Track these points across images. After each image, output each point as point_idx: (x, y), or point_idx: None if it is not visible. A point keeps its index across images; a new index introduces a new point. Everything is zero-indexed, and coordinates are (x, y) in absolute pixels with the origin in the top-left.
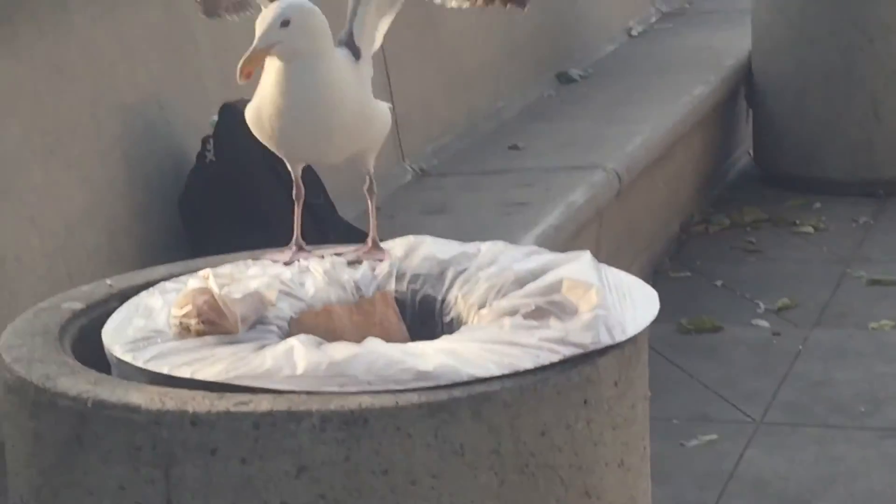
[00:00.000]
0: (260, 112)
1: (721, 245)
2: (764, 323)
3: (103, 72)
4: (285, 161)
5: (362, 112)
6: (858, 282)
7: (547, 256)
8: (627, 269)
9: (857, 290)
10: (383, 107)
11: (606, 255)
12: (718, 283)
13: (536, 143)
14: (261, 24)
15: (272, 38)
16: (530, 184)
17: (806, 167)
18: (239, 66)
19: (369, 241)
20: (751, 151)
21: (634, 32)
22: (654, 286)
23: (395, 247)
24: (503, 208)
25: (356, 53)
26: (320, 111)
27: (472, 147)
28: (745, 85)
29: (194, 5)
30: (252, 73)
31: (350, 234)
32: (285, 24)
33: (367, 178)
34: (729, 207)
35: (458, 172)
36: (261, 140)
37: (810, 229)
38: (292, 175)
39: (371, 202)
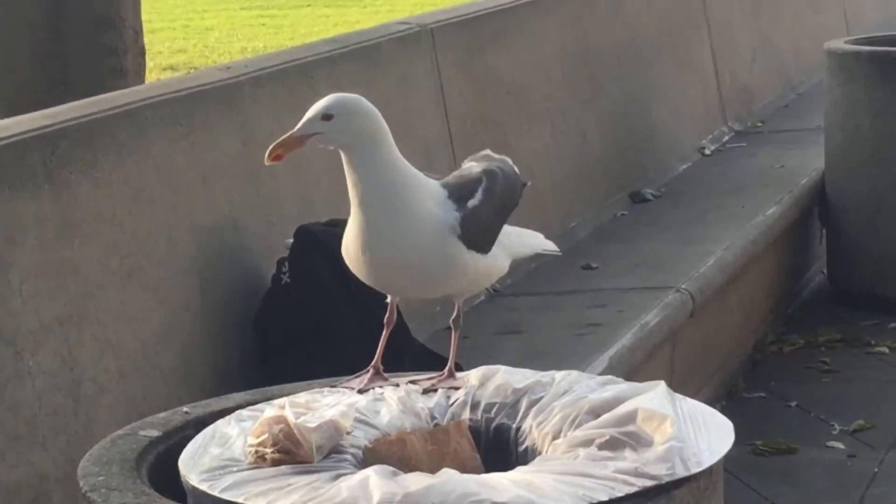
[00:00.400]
0: (346, 252)
1: (795, 365)
2: (839, 445)
3: (180, 196)
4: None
5: (447, 258)
6: None
7: (622, 386)
8: (701, 389)
9: None
10: (490, 263)
11: (680, 376)
12: (793, 403)
13: (610, 262)
14: (308, 112)
15: (311, 129)
16: (603, 304)
17: (881, 287)
18: (270, 146)
19: (446, 370)
20: (824, 270)
21: (707, 151)
22: (728, 407)
23: (471, 376)
24: (576, 329)
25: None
26: (393, 242)
27: (546, 267)
28: (818, 204)
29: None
30: (282, 157)
31: (424, 356)
32: (328, 117)
33: (456, 310)
34: (803, 327)
35: (532, 292)
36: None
37: (885, 349)
38: (388, 300)
39: (455, 333)
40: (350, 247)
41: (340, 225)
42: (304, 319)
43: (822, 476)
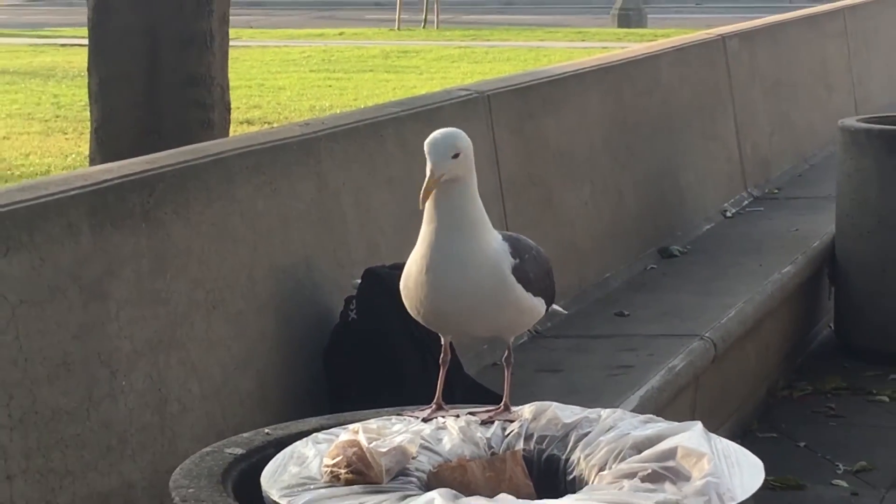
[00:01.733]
0: (407, 279)
1: (804, 409)
2: (843, 483)
3: (261, 237)
4: (433, 329)
5: (500, 286)
6: None
7: (662, 424)
8: (719, 428)
9: None
10: (535, 302)
11: (700, 416)
12: (801, 444)
13: (640, 311)
14: (434, 153)
15: (444, 168)
16: (634, 348)
17: (883, 341)
18: (421, 195)
19: (502, 404)
20: (832, 325)
21: (729, 214)
22: (743, 445)
23: (525, 410)
24: (610, 370)
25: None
26: (459, 265)
27: (582, 313)
28: (828, 265)
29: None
30: (428, 196)
31: (474, 390)
32: (456, 156)
33: (507, 350)
34: (811, 375)
35: (570, 335)
36: (409, 311)
37: (886, 398)
38: (442, 342)
39: (508, 371)
40: (412, 270)
41: (403, 268)
42: (368, 353)
43: None
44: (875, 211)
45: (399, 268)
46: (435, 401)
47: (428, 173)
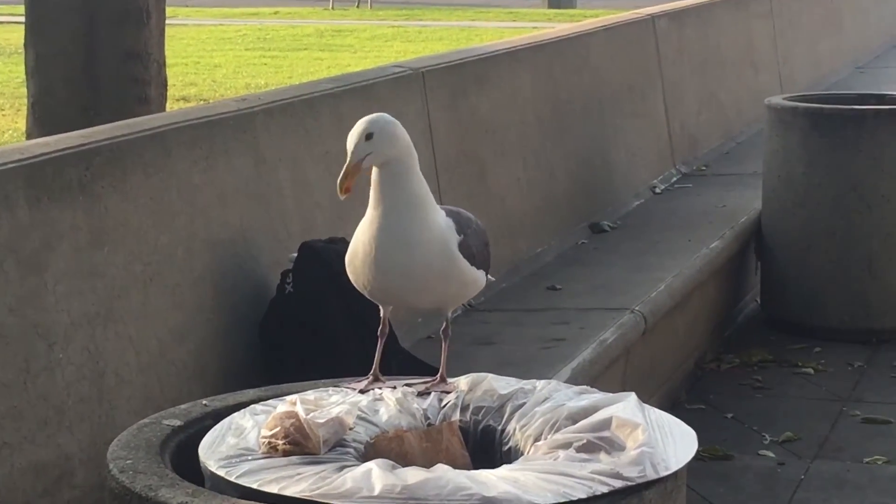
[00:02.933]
0: (353, 258)
1: (731, 382)
2: (770, 453)
3: (198, 211)
4: (377, 302)
5: (448, 263)
6: (854, 419)
7: (596, 395)
8: (649, 399)
9: (852, 426)
10: (478, 275)
11: (631, 387)
12: (729, 415)
13: (572, 285)
14: (350, 142)
15: (361, 152)
16: (567, 322)
17: (808, 315)
18: (338, 182)
19: (438, 375)
20: (758, 299)
21: (658, 190)
22: None
23: (461, 382)
24: (542, 343)
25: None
26: (407, 246)
27: (516, 287)
28: (755, 240)
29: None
30: (350, 188)
31: (409, 362)
32: (369, 136)
33: (445, 322)
34: (738, 348)
35: (503, 309)
36: (355, 285)
37: (811, 370)
38: (381, 314)
39: (445, 343)
40: (359, 250)
41: (339, 242)
42: (304, 326)
43: (754, 480)
44: (800, 187)
45: (335, 242)
46: (372, 372)
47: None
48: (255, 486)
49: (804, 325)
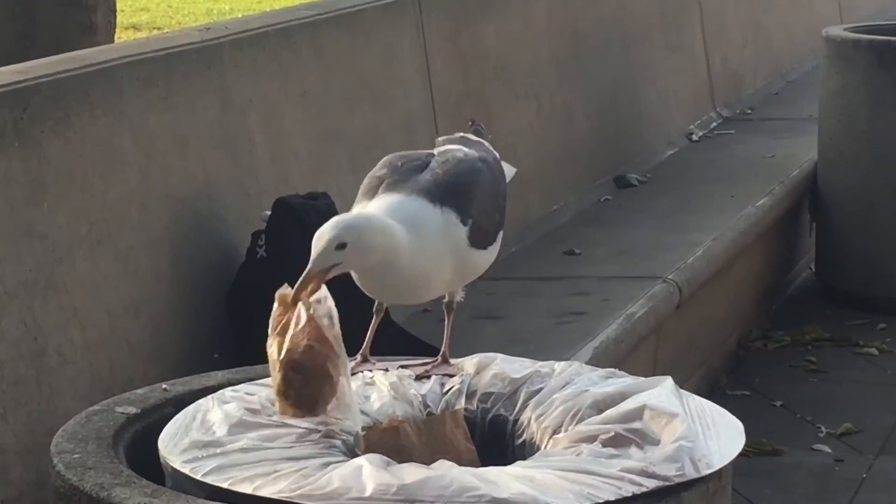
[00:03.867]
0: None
1: (781, 363)
2: (826, 448)
3: (154, 160)
4: None
5: (458, 269)
6: None
7: (626, 380)
8: (684, 384)
9: None
10: (493, 253)
11: (663, 370)
12: (778, 403)
13: (593, 249)
14: (316, 244)
15: (327, 262)
16: (587, 292)
17: (870, 285)
18: (294, 288)
19: (440, 356)
20: (813, 266)
21: (695, 137)
22: None
23: (466, 363)
24: (559, 317)
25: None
26: (400, 292)
27: (526, 251)
28: (809, 197)
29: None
30: (312, 293)
31: (402, 338)
32: (341, 246)
33: (449, 294)
34: (789, 324)
35: (511, 277)
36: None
37: (874, 350)
38: None
39: (449, 318)
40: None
41: (320, 198)
42: None
43: (807, 480)
44: (864, 134)
45: (315, 197)
46: (361, 352)
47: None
48: (224, 485)
49: (866, 296)
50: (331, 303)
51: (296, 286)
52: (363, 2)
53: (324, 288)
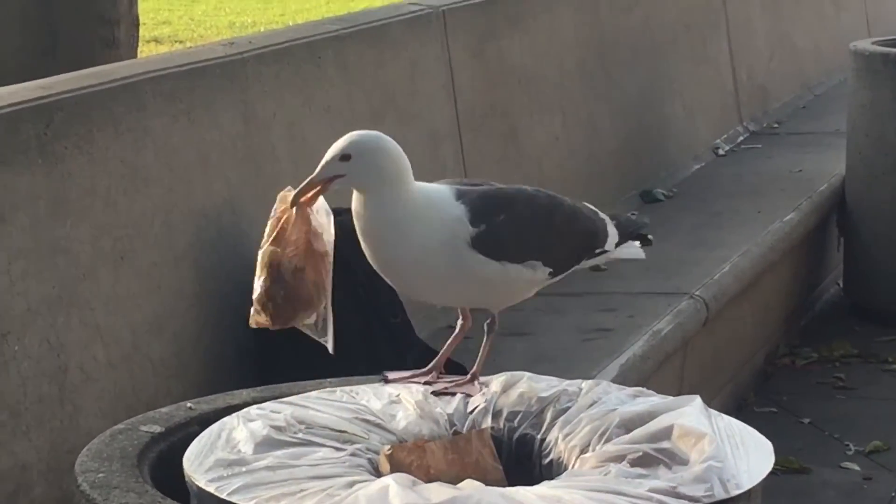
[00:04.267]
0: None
1: (808, 380)
2: (854, 466)
3: (177, 176)
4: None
5: (450, 261)
6: None
7: (654, 399)
8: (711, 401)
9: None
10: (519, 271)
11: (689, 388)
12: (805, 420)
13: (619, 265)
14: (326, 155)
15: (331, 171)
16: (613, 308)
17: None
18: (293, 194)
19: (469, 374)
20: (840, 282)
21: (721, 151)
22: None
23: (493, 382)
24: (585, 334)
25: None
26: (383, 246)
27: None
28: (837, 212)
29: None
30: (309, 202)
31: (427, 354)
32: (345, 157)
33: (492, 316)
34: (817, 340)
35: (538, 293)
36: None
37: None
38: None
39: (486, 339)
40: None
41: (345, 214)
42: None
43: (835, 498)
44: (892, 149)
45: (340, 213)
46: (434, 365)
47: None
48: None
49: (894, 312)
50: (329, 218)
51: (296, 190)
52: (388, 16)
53: (324, 202)
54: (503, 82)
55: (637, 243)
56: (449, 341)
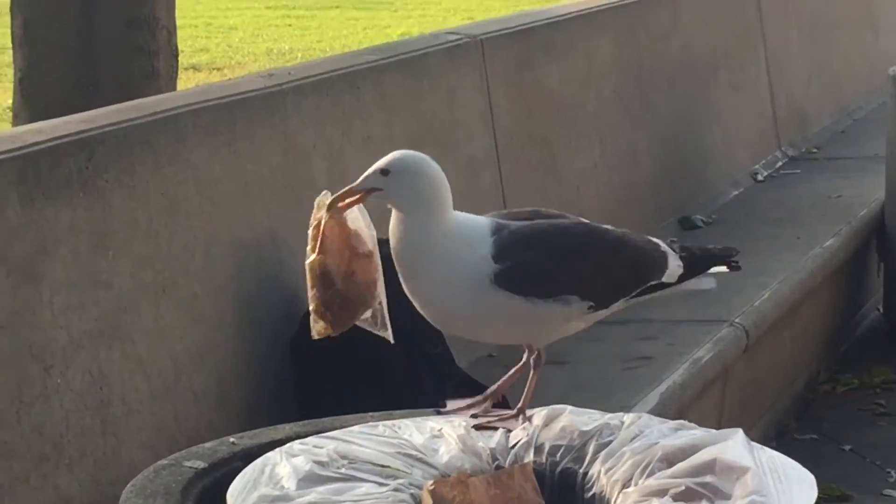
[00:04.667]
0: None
1: (849, 406)
2: None
3: (218, 208)
4: None
5: (473, 300)
6: None
7: (696, 432)
8: (751, 429)
9: None
10: (550, 309)
11: (730, 416)
12: (847, 447)
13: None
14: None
15: (369, 183)
16: (653, 336)
17: None
18: (329, 199)
19: (516, 409)
20: (880, 307)
21: (760, 177)
22: (778, 449)
23: (534, 415)
24: (625, 362)
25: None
26: (412, 274)
27: None
28: (876, 237)
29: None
30: (345, 209)
31: (467, 384)
32: (385, 172)
33: (537, 351)
34: (857, 366)
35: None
36: None
37: None
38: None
39: (533, 374)
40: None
41: (384, 245)
42: (343, 345)
43: None
44: None
45: (382, 244)
46: (519, 406)
47: None
48: None
49: None
50: (365, 218)
51: (333, 196)
52: (426, 46)
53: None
54: (541, 110)
55: (716, 271)
56: (511, 372)
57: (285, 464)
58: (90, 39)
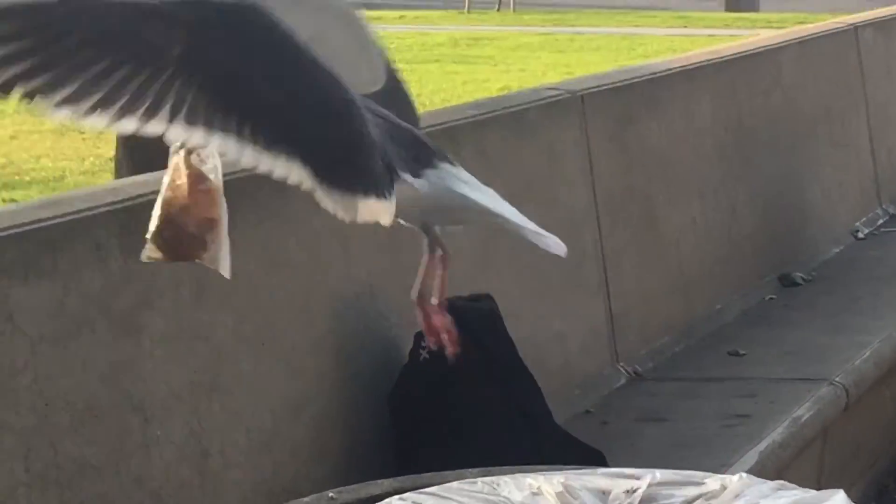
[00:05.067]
0: None
1: None
2: None
3: (318, 261)
4: None
5: None
6: None
7: (796, 493)
8: (850, 489)
9: None
10: None
11: (829, 475)
12: None
13: (757, 349)
14: None
15: None
16: (752, 394)
17: None
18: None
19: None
20: None
21: (861, 234)
22: None
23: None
24: (724, 420)
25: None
26: None
27: (690, 351)
28: None
29: None
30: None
31: (567, 442)
32: None
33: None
34: None
35: (675, 378)
36: None
37: None
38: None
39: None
40: None
41: (484, 300)
42: (441, 400)
43: None
44: None
45: (478, 299)
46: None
47: None
48: None
49: None
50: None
51: None
52: (527, 101)
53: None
54: (641, 166)
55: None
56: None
57: None
58: None
